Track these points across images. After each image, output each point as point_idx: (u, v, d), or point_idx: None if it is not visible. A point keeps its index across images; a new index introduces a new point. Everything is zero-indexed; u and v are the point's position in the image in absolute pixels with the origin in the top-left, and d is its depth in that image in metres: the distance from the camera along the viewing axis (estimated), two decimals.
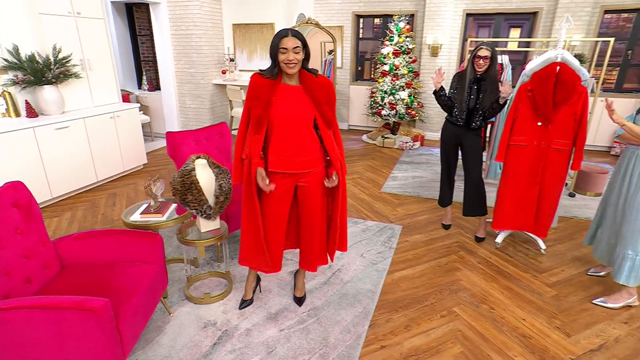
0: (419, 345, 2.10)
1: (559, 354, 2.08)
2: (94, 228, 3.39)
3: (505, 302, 2.48)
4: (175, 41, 5.86)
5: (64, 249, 2.12)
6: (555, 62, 2.55)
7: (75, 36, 4.06)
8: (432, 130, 6.79)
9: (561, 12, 5.73)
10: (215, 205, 2.39)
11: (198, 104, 6.13)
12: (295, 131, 1.99)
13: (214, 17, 5.98)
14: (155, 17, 5.72)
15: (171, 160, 5.28)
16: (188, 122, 6.25)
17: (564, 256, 3.03)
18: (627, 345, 2.17)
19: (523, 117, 2.66)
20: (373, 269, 2.80)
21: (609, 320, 2.35)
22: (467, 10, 6.31)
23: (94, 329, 1.56)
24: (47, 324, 1.56)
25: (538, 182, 2.74)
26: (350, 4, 6.82)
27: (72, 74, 3.93)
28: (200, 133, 3.35)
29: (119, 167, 4.54)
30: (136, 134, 4.73)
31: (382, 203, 4.02)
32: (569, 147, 2.64)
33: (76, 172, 4.00)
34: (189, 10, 5.61)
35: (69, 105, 4.09)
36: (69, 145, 3.88)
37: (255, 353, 2.03)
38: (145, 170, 4.91)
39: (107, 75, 4.49)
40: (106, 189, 4.30)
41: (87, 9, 4.15)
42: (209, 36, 5.91)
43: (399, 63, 6.09)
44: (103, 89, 4.46)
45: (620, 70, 6.19)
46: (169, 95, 6.09)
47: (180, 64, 5.95)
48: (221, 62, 6.31)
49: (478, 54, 2.76)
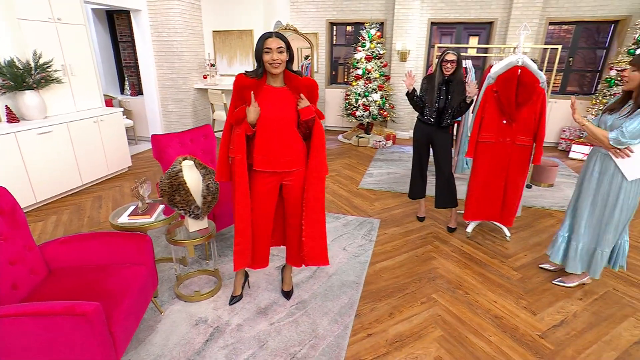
0: (402, 332, 2.09)
1: (527, 331, 2.13)
2: (80, 231, 3.21)
3: (478, 286, 2.51)
4: (156, 47, 5.63)
5: (50, 253, 1.98)
6: (516, 65, 2.60)
7: (56, 42, 3.81)
8: (403, 130, 6.85)
9: (513, 23, 5.90)
10: (203, 205, 2.29)
11: (180, 108, 5.93)
12: (279, 131, 1.93)
13: (194, 24, 5.79)
14: (137, 24, 5.47)
15: (156, 163, 5.09)
16: (171, 125, 6.03)
17: (526, 242, 3.11)
18: (583, 319, 2.25)
19: (490, 116, 2.70)
20: (356, 261, 2.77)
21: (567, 298, 2.43)
22: (432, 20, 6.39)
23: (86, 334, 1.46)
24: (37, 331, 1.44)
25: (504, 175, 2.79)
26: (324, 12, 6.77)
27: (53, 79, 3.69)
28: (185, 135, 3.23)
29: (103, 170, 4.32)
30: (120, 138, 4.51)
31: (360, 198, 4.01)
32: (531, 143, 2.70)
33: (60, 176, 3.77)
34: (170, 18, 5.40)
35: (51, 110, 3.84)
36: (52, 150, 3.65)
37: (248, 347, 1.96)
38: (130, 172, 4.70)
39: (89, 80, 4.25)
40: (91, 192, 4.08)
41: (68, 15, 3.90)
42: (190, 42, 5.72)
43: (371, 67, 6.10)
44: (86, 94, 4.22)
45: (563, 75, 6.47)
46: (152, 99, 5.85)
47: (162, 69, 5.73)
48: (202, 68, 6.12)
49: (445, 58, 2.78)
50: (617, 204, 2.23)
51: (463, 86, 2.84)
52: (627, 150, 2.13)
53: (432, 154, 3.18)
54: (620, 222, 2.28)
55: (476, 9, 6.13)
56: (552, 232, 3.29)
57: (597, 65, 6.42)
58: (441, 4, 6.25)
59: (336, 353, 1.93)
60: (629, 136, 2.05)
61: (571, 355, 1.97)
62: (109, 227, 3.23)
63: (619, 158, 2.16)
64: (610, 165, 2.22)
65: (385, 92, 6.28)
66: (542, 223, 3.46)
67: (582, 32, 6.25)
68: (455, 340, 2.04)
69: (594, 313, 2.30)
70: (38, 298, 1.72)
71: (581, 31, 6.20)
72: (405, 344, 1.99)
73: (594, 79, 6.51)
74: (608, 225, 2.29)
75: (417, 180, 3.33)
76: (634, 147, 2.11)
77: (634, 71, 2.05)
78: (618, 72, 5.38)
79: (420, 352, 1.95)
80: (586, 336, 2.11)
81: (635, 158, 2.13)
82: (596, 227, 2.35)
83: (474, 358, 1.92)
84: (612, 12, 5.80)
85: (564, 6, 5.91)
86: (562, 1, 5.89)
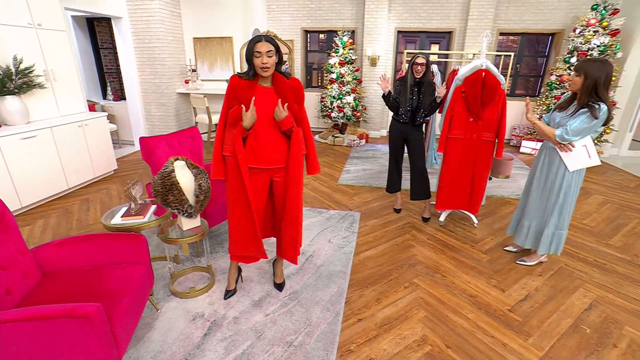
0: (390, 315, 2.09)
1: (499, 306, 2.19)
2: (69, 234, 2.99)
3: (453, 269, 2.56)
4: (138, 54, 5.34)
5: (44, 256, 1.82)
6: (481, 69, 2.66)
7: (37, 47, 3.51)
8: (374, 129, 6.90)
9: (469, 32, 6.07)
10: (196, 204, 2.19)
11: (163, 112, 5.67)
12: (266, 130, 1.89)
13: (175, 32, 5.54)
14: (118, 31, 5.15)
15: (142, 165, 4.85)
16: (154, 129, 5.76)
17: (491, 227, 3.20)
18: (543, 292, 2.34)
19: (458, 115, 2.74)
20: (341, 252, 2.75)
21: (529, 275, 2.52)
22: (398, 28, 6.46)
23: (88, 336, 1.34)
24: (38, 335, 1.32)
25: (471, 168, 2.85)
26: (299, 20, 6.68)
27: (35, 84, 3.41)
28: (173, 137, 3.07)
29: (89, 173, 4.04)
30: (105, 141, 4.24)
31: (340, 194, 3.99)
32: (494, 139, 2.77)
33: (46, 180, 3.50)
34: (152, 25, 5.13)
35: (34, 115, 3.55)
36: (37, 154, 3.38)
37: (246, 339, 1.90)
38: (117, 175, 4.45)
39: (72, 85, 3.96)
40: (78, 195, 3.82)
41: (48, 21, 3.60)
42: (172, 49, 5.46)
43: (344, 72, 6.09)
44: (69, 99, 3.93)
45: (512, 80, 6.75)
46: (135, 104, 5.55)
47: (145, 74, 5.45)
48: (184, 73, 5.88)
49: (416, 62, 2.82)
50: (561, 191, 2.35)
51: (433, 87, 2.88)
52: (569, 145, 2.23)
53: (406, 150, 3.21)
54: (564, 207, 2.39)
55: (437, 19, 6.26)
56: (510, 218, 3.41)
57: (539, 71, 6.74)
58: (406, 15, 6.32)
59: (330, 338, 1.90)
60: (572, 133, 2.15)
61: (536, 325, 2.05)
62: (99, 229, 3.05)
63: (563, 152, 2.27)
64: (555, 158, 2.33)
65: (358, 94, 6.30)
66: (502, 210, 3.59)
67: (526, 42, 6.53)
68: (438, 319, 2.06)
69: (551, 287, 2.40)
70: (33, 302, 1.58)
71: (525, 41, 6.48)
72: (393, 326, 1.99)
73: (537, 83, 6.83)
74: (554, 208, 2.40)
75: (394, 175, 3.34)
76: (575, 143, 2.22)
77: (577, 76, 2.14)
78: (557, 77, 5.67)
79: (407, 332, 1.95)
80: (547, 307, 2.20)
81: (575, 152, 2.24)
82: (544, 210, 2.46)
83: (456, 334, 1.95)
84: (550, 26, 6.11)
85: (511, 19, 6.15)
86: (510, 14, 6.13)
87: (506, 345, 1.90)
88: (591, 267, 2.67)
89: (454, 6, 6.15)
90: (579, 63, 2.16)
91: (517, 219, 2.65)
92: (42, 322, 1.31)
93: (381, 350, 1.83)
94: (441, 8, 6.19)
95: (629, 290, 2.42)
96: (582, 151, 2.24)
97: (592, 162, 2.24)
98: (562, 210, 2.39)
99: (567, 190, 2.33)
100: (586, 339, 1.97)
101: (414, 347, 1.86)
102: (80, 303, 1.35)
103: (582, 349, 1.90)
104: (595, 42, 5.26)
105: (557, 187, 2.35)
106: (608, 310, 2.21)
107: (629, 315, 2.17)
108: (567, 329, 2.03)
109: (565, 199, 2.36)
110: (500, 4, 6.06)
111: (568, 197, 2.35)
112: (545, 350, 1.88)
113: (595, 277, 2.54)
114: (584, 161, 2.24)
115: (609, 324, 2.09)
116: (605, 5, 5.25)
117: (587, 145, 2.24)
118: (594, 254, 2.85)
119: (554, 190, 2.37)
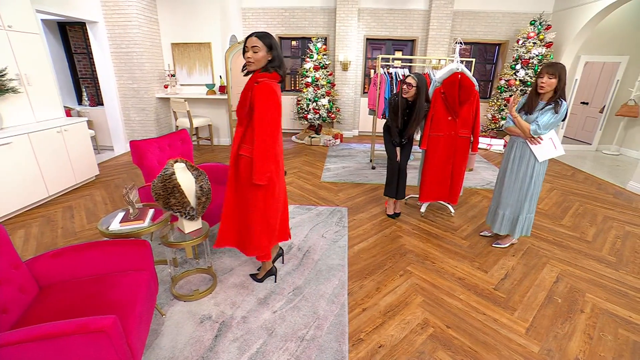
0: (391, 302, 2.06)
1: (485, 286, 2.24)
2: (55, 243, 2.68)
3: (440, 256, 2.59)
4: (116, 59, 4.91)
5: (40, 269, 1.59)
6: (456, 72, 2.70)
7: (7, 50, 3.09)
8: (347, 130, 6.91)
9: (430, 41, 6.24)
10: (197, 206, 2.03)
11: (143, 117, 5.28)
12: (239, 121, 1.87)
13: (153, 37, 5.17)
14: (94, 36, 4.70)
15: (125, 169, 4.49)
16: (134, 134, 5.36)
17: (466, 215, 3.30)
18: (519, 270, 2.44)
19: (438, 114, 2.77)
20: (336, 246, 2.69)
21: (505, 256, 2.62)
22: (367, 36, 6.49)
23: (105, 350, 1.18)
24: (46, 357, 1.13)
25: (451, 162, 2.90)
26: (274, 28, 6.51)
27: (8, 88, 3.01)
28: (163, 140, 2.86)
29: (70, 179, 3.66)
30: (86, 147, 3.85)
31: (325, 191, 3.93)
32: (469, 135, 2.84)
33: (24, 188, 3.12)
34: (129, 30, 4.74)
35: (8, 122, 3.14)
36: (13, 162, 2.99)
37: (258, 337, 1.79)
38: (99, 181, 4.07)
39: (48, 90, 3.54)
40: (60, 202, 3.44)
41: (19, 23, 3.18)
42: (150, 54, 5.09)
43: (319, 76, 6.02)
44: (45, 104, 3.51)
45: None
46: (113, 109, 5.11)
47: (123, 79, 5.03)
48: (162, 78, 5.51)
49: (405, 80, 2.63)
50: (532, 180, 2.45)
51: (421, 114, 2.64)
52: (539, 139, 2.34)
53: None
54: (534, 194, 2.50)
55: (402, 28, 6.37)
56: (481, 206, 3.54)
57: (488, 76, 7.09)
58: (373, 23, 6.37)
59: (340, 330, 1.84)
60: (542, 127, 2.26)
61: (518, 300, 2.12)
62: (87, 236, 2.77)
63: (533, 145, 2.37)
64: (526, 151, 2.42)
65: (332, 97, 6.26)
66: (473, 200, 3.71)
67: (478, 51, 6.83)
68: (434, 302, 2.07)
69: (524, 265, 2.51)
70: (34, 319, 1.37)
71: (477, 50, 6.78)
72: (396, 313, 1.97)
73: (487, 86, 7.17)
74: (526, 196, 2.50)
75: (394, 177, 3.05)
76: (543, 136, 2.33)
77: (551, 78, 2.21)
78: (506, 81, 5.99)
79: (410, 317, 1.94)
80: (524, 283, 2.30)
81: (544, 145, 2.36)
82: (517, 199, 2.56)
83: (452, 314, 1.97)
84: (497, 37, 6.45)
85: (465, 30, 6.40)
86: (464, 26, 6.38)
87: (497, 320, 1.95)
88: (552, 245, 2.82)
89: (416, 17, 6.29)
90: (550, 67, 2.18)
91: (494, 209, 2.72)
92: (51, 341, 1.13)
93: (389, 336, 1.80)
94: (405, 18, 6.31)
95: (583, 262, 2.59)
96: (549, 143, 2.35)
97: (558, 153, 2.35)
98: (532, 197, 2.50)
99: (536, 178, 2.45)
100: (559, 308, 2.07)
101: (418, 330, 1.85)
102: (94, 317, 1.18)
103: (558, 317, 2.00)
104: (535, 52, 5.62)
105: (528, 176, 2.45)
106: (571, 281, 2.34)
107: (588, 284, 2.32)
108: (543, 301, 2.13)
109: (534, 186, 2.47)
110: (456, 16, 6.29)
111: (537, 185, 2.47)
112: (529, 321, 1.95)
113: (557, 253, 2.69)
114: (550, 152, 2.35)
115: (574, 293, 2.22)
116: (540, 21, 5.64)
117: (552, 138, 2.35)
118: (552, 233, 3.03)
119: (525, 180, 2.47)
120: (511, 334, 1.85)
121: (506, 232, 2.66)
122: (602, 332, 1.89)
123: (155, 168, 2.62)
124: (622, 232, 3.09)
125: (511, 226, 2.64)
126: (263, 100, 1.70)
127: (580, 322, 1.96)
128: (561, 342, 1.81)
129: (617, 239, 2.97)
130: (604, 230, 3.13)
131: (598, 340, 1.84)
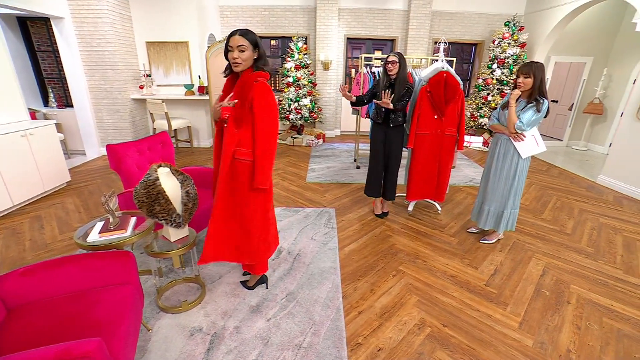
0: (386, 303, 2.04)
1: (476, 282, 2.27)
2: (23, 257, 2.47)
3: (431, 254, 2.60)
4: (86, 58, 4.63)
5: (7, 289, 1.43)
6: (442, 70, 2.73)
7: None
8: (329, 129, 6.88)
9: (410, 40, 6.32)
10: (184, 213, 1.92)
11: (117, 119, 5.02)
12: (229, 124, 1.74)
13: (126, 35, 4.91)
14: (60, 33, 4.40)
15: (99, 175, 4.24)
16: (108, 137, 5.07)
17: (452, 213, 3.34)
18: (507, 265, 2.49)
19: (425, 112, 2.79)
20: (326, 248, 2.64)
21: (493, 252, 2.66)
22: (347, 35, 6.49)
23: None
24: None
25: (437, 160, 2.92)
26: (253, 27, 6.37)
27: None
28: (142, 143, 2.70)
29: (38, 187, 3.39)
30: (55, 151, 3.58)
31: (311, 192, 3.88)
32: (455, 133, 2.88)
33: None
34: (99, 27, 4.47)
35: None
36: None
37: (253, 348, 1.70)
38: (70, 187, 3.81)
39: (8, 91, 3.26)
40: (27, 212, 3.19)
41: None
42: (123, 53, 4.83)
43: (300, 75, 5.95)
44: (5, 106, 3.24)
45: None
46: (84, 111, 4.81)
47: (94, 79, 4.75)
48: (137, 78, 5.25)
49: (388, 60, 2.63)
50: (516, 176, 2.51)
51: (405, 84, 2.63)
52: (521, 136, 2.40)
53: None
54: (518, 189, 2.57)
55: (382, 28, 6.41)
56: (466, 203, 3.60)
57: (465, 75, 7.28)
58: (354, 23, 6.38)
59: (337, 335, 1.79)
60: (526, 124, 2.32)
61: (509, 295, 2.16)
62: (60, 248, 2.58)
63: (517, 142, 2.43)
64: (510, 147, 2.48)
65: (313, 97, 6.21)
66: (457, 197, 3.78)
67: (455, 51, 7.00)
68: (429, 302, 2.07)
69: (511, 260, 2.57)
70: (2, 347, 1.23)
71: (455, 49, 6.94)
72: (392, 314, 1.95)
73: (465, 85, 7.37)
74: (510, 191, 2.56)
75: (372, 177, 3.03)
76: (526, 134, 2.39)
77: (527, 78, 2.28)
78: (483, 80, 6.17)
79: (407, 318, 1.92)
80: (513, 278, 2.34)
81: (526, 142, 2.42)
82: (501, 194, 2.61)
83: (448, 313, 1.97)
84: (473, 37, 6.63)
85: (443, 30, 6.54)
86: (442, 26, 6.52)
87: (491, 316, 1.97)
88: (535, 239, 2.91)
89: (395, 17, 6.35)
90: (524, 67, 2.26)
91: (479, 206, 2.78)
92: None
93: (387, 339, 1.77)
94: (384, 18, 6.36)
95: (565, 254, 2.68)
96: (531, 140, 2.41)
97: (540, 149, 2.42)
98: (516, 192, 2.56)
99: (520, 174, 2.51)
100: (548, 300, 2.13)
101: (415, 330, 1.83)
102: (75, 340, 1.07)
103: (547, 309, 2.05)
104: (510, 52, 5.83)
105: (512, 172, 2.51)
106: (556, 274, 2.42)
107: (571, 275, 2.40)
108: (532, 295, 2.17)
109: (518, 182, 2.53)
110: (435, 16, 6.41)
111: (521, 181, 2.53)
112: (521, 315, 1.99)
113: (540, 247, 2.78)
114: (533, 149, 2.42)
115: (559, 285, 2.28)
116: (514, 22, 5.85)
117: (534, 135, 2.42)
118: (535, 227, 3.12)
119: (510, 176, 2.52)
120: (505, 329, 1.87)
121: (491, 227, 2.71)
122: (588, 322, 1.95)
123: (135, 173, 2.47)
124: (597, 224, 3.23)
125: (496, 221, 2.69)
126: (266, 100, 1.64)
127: (568, 314, 2.02)
128: (552, 334, 1.85)
129: (593, 231, 3.10)
130: (581, 222, 3.27)
131: (585, 330, 1.90)
